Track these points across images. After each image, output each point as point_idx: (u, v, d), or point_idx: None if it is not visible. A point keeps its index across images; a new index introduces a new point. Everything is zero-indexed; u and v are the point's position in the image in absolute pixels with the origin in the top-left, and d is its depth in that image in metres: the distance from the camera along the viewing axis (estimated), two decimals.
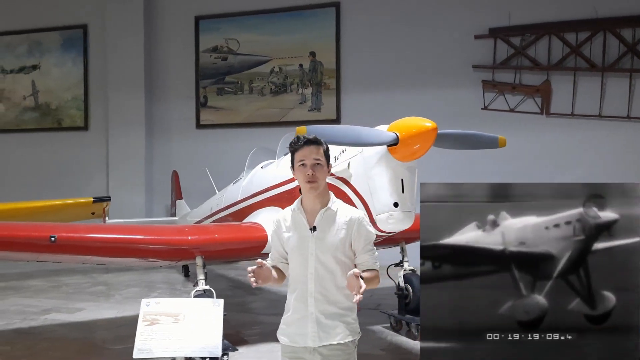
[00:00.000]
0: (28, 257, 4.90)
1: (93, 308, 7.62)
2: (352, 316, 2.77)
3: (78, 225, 5.21)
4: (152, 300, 3.70)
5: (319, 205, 2.77)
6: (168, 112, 12.66)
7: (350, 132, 4.32)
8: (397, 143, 4.29)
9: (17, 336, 6.20)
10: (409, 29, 11.07)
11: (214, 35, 12.33)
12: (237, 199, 6.92)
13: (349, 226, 2.72)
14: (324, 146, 2.80)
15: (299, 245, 2.77)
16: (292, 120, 11.77)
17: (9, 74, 13.90)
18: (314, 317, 2.68)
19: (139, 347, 3.46)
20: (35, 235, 4.57)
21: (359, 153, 4.65)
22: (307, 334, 2.69)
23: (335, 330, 2.69)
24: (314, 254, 2.71)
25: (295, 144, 2.78)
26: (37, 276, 10.31)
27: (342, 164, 4.79)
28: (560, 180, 9.90)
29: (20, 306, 7.74)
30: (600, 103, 10.00)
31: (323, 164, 2.76)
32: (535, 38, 10.33)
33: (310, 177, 2.72)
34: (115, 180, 12.50)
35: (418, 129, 4.22)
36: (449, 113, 9.51)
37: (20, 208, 8.76)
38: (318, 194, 2.76)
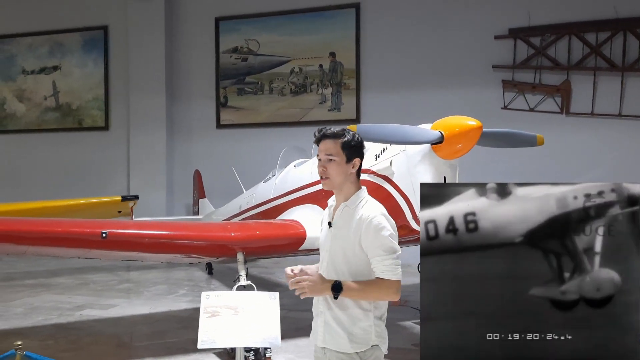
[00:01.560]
0: (77, 253, 5.04)
1: (125, 305, 7.76)
2: (362, 325, 2.52)
3: (127, 222, 5.34)
4: (211, 294, 3.82)
5: (341, 201, 2.64)
6: (189, 112, 12.81)
7: (397, 130, 4.43)
8: (441, 141, 4.41)
9: (58, 331, 6.35)
10: (428, 30, 11.17)
11: (234, 36, 12.47)
12: (270, 197, 7.04)
13: (358, 225, 2.51)
14: (345, 138, 2.57)
15: (322, 239, 2.73)
16: (312, 120, 11.91)
17: (29, 74, 14.08)
18: (324, 318, 2.59)
19: (202, 338, 3.59)
20: (87, 231, 4.70)
21: (402, 151, 4.76)
22: (318, 332, 2.62)
23: (339, 336, 2.53)
24: (329, 251, 2.62)
25: (315, 137, 2.65)
26: (63, 274, 10.46)
27: (384, 162, 4.90)
28: (581, 180, 10.01)
29: (54, 302, 7.89)
30: (620, 102, 10.07)
31: (337, 160, 2.55)
32: (555, 38, 10.41)
33: (322, 174, 2.60)
34: (137, 179, 12.66)
35: (464, 127, 4.34)
36: (468, 113, 9.38)
37: (50, 207, 8.90)
38: (339, 191, 2.62)
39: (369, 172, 5.11)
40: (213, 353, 5.44)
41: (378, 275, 2.47)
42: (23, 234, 4.51)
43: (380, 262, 2.46)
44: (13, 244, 4.57)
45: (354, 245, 2.52)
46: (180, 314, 7.18)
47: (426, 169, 4.56)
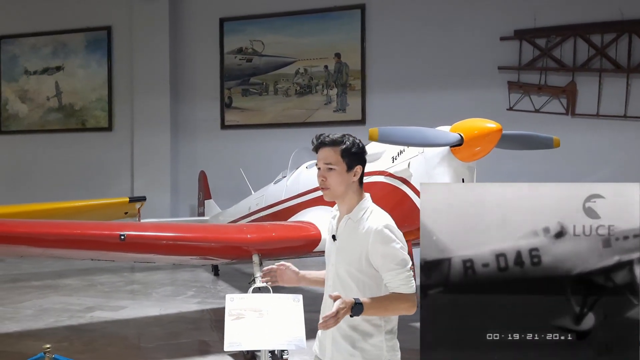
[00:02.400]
0: (93, 255, 5.04)
1: (135, 306, 7.74)
2: (372, 342, 2.42)
3: (145, 224, 5.35)
4: (235, 296, 3.82)
5: (344, 212, 2.50)
6: (193, 113, 12.81)
7: (417, 133, 4.44)
8: (461, 144, 4.42)
9: (72, 333, 6.34)
10: (434, 31, 11.21)
11: (238, 37, 12.48)
12: (281, 198, 7.05)
13: (364, 238, 2.37)
14: (344, 145, 2.42)
15: (326, 252, 2.62)
16: (317, 121, 11.94)
17: (32, 75, 14.06)
18: (330, 333, 2.47)
19: (229, 340, 3.57)
20: (105, 233, 4.70)
21: (420, 153, 4.77)
22: (326, 347, 2.54)
23: (348, 353, 2.43)
24: (334, 266, 2.50)
25: (313, 145, 2.50)
26: (69, 275, 10.43)
27: (402, 164, 4.92)
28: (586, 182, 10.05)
29: (63, 304, 7.87)
30: (626, 104, 10.14)
31: (337, 168, 2.41)
32: (560, 40, 10.47)
33: (322, 184, 2.46)
34: (141, 180, 12.65)
35: (484, 130, 4.35)
36: (474, 114, 9.43)
37: (57, 208, 8.91)
38: (341, 201, 2.49)
39: (386, 174, 5.13)
40: (228, 355, 5.45)
41: (394, 289, 2.36)
42: (42, 236, 4.51)
43: (395, 277, 2.34)
44: (31, 246, 4.57)
45: (360, 259, 2.39)
46: (191, 316, 7.18)
47: (445, 171, 4.57)
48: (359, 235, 2.40)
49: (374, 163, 5.33)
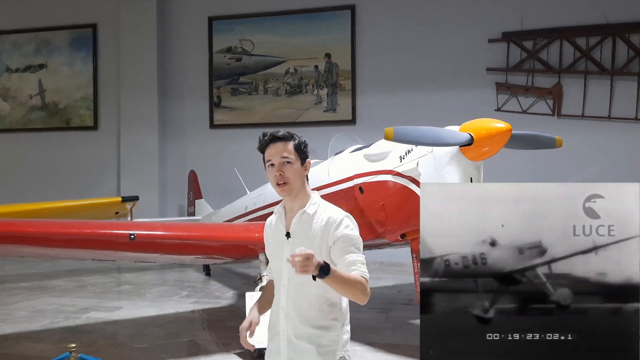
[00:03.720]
0: (100, 255, 4.99)
1: (130, 307, 7.67)
2: (329, 337, 2.42)
3: (154, 224, 5.30)
4: (255, 294, 3.85)
5: (296, 208, 2.46)
6: (181, 112, 12.72)
7: (430, 132, 4.51)
8: (471, 143, 4.51)
9: (70, 334, 6.24)
10: (423, 33, 11.34)
11: (228, 36, 12.43)
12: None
13: (325, 230, 2.39)
14: (296, 140, 2.46)
15: (275, 252, 2.53)
16: (307, 121, 11.97)
17: (14, 72, 13.76)
18: (286, 335, 2.44)
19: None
20: (115, 233, 4.67)
21: (429, 152, 4.85)
22: (280, 352, 2.47)
23: (306, 352, 2.40)
24: (288, 264, 2.36)
25: (261, 142, 2.47)
26: (57, 276, 10.28)
27: (411, 163, 4.98)
28: (571, 181, 10.33)
29: (56, 305, 7.75)
30: (610, 105, 10.41)
31: (294, 162, 2.41)
32: (547, 42, 10.70)
33: (279, 179, 2.40)
34: (128, 180, 12.50)
35: (494, 130, 4.45)
36: (463, 114, 9.64)
37: (48, 208, 8.77)
38: (294, 197, 2.45)
39: (393, 173, 5.19)
40: (234, 353, 5.46)
41: (353, 271, 2.34)
42: (52, 236, 4.45)
43: (355, 259, 2.35)
44: (40, 247, 4.51)
45: (321, 251, 2.37)
46: (189, 316, 7.15)
47: (454, 170, 4.66)
48: (317, 227, 2.40)
49: (380, 162, 5.40)
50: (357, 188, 5.63)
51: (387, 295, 8.68)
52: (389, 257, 10.92)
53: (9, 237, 4.28)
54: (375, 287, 9.33)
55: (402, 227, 5.23)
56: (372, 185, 5.39)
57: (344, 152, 6.23)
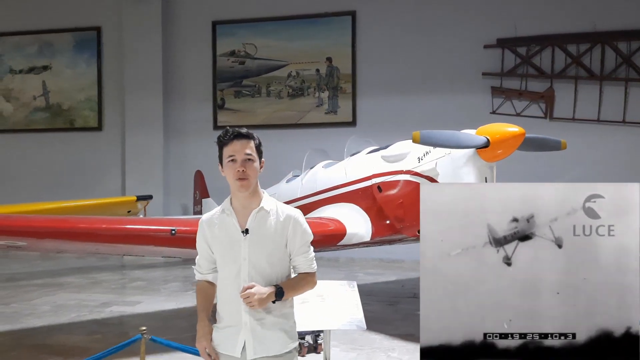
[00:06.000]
0: (139, 251, 5.31)
1: (149, 301, 7.97)
2: (290, 323, 2.61)
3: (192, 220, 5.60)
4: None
5: (251, 206, 2.53)
6: (185, 114, 13.01)
7: (452, 136, 4.94)
8: (487, 146, 4.95)
9: (100, 327, 6.55)
10: (422, 39, 11.80)
11: (231, 40, 12.76)
12: (296, 196, 7.44)
13: (283, 226, 2.53)
14: (256, 140, 2.57)
15: (229, 250, 2.54)
16: (309, 123, 12.37)
17: (17, 74, 13.92)
18: (249, 327, 2.50)
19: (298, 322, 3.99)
20: (157, 229, 5.00)
21: (447, 154, 5.28)
22: (242, 345, 2.51)
23: (273, 339, 2.52)
24: (247, 259, 2.50)
25: (223, 137, 2.53)
26: (66, 274, 10.50)
27: (430, 164, 5.41)
28: (563, 180, 10.89)
29: (77, 300, 8.02)
30: (599, 108, 10.97)
31: (254, 160, 2.52)
32: (539, 48, 11.23)
33: (241, 174, 2.47)
34: (132, 180, 12.76)
35: (509, 134, 4.89)
36: (459, 117, 10.29)
37: (63, 207, 9.03)
38: (249, 194, 2.52)
39: (412, 173, 5.61)
40: None
41: (304, 270, 2.61)
42: (101, 231, 4.77)
43: (306, 258, 2.59)
44: (89, 242, 4.81)
45: (279, 247, 2.53)
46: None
47: (470, 170, 5.09)
48: (274, 224, 2.52)
49: (399, 163, 5.82)
50: (376, 187, 6.04)
51: (391, 289, 9.09)
52: (387, 254, 11.37)
53: (63, 233, 4.59)
54: (379, 283, 9.79)
55: (420, 223, 5.63)
56: (391, 184, 5.81)
57: (360, 153, 6.63)
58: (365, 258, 11.31)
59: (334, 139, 9.71)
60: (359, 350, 5.47)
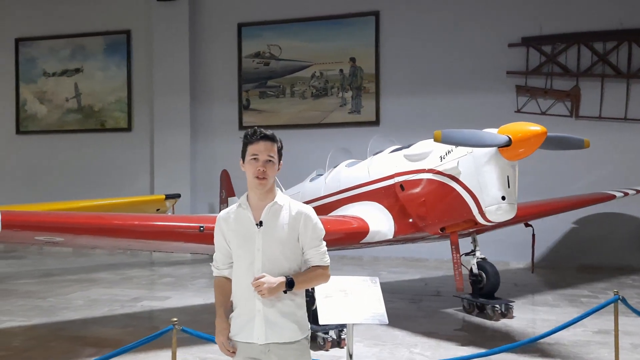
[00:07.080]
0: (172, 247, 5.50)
1: (178, 296, 8.22)
2: (301, 313, 2.73)
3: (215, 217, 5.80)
4: None
5: (266, 201, 2.69)
6: (212, 114, 13.29)
7: (474, 135, 5.02)
8: (509, 144, 5.02)
9: (132, 320, 6.82)
10: (445, 38, 11.84)
11: (256, 42, 12.98)
12: (320, 194, 7.59)
13: (295, 220, 2.68)
14: (279, 144, 2.72)
15: (244, 242, 2.68)
16: (332, 122, 12.51)
17: (51, 76, 14.39)
18: (262, 315, 2.63)
19: (321, 315, 4.13)
20: (187, 225, 5.20)
21: (469, 153, 5.35)
22: (257, 333, 2.64)
23: (285, 328, 2.65)
24: (261, 250, 2.65)
25: (250, 136, 2.68)
26: (99, 270, 10.84)
27: (452, 163, 5.49)
28: (589, 179, 10.81)
29: (109, 295, 8.32)
30: (626, 107, 10.86)
31: (275, 162, 2.67)
32: (565, 47, 11.16)
33: (261, 174, 2.62)
34: (160, 179, 13.09)
35: (529, 133, 4.94)
36: (484, 116, 10.32)
37: (97, 205, 9.36)
38: (267, 192, 2.68)
39: (434, 172, 5.70)
40: None
41: (316, 263, 2.73)
42: (134, 228, 4.98)
43: (317, 253, 2.71)
44: (122, 238, 5.03)
45: (291, 240, 2.67)
46: None
47: (492, 169, 5.16)
48: (287, 218, 2.68)
49: (421, 162, 5.92)
50: (398, 185, 6.15)
51: (415, 287, 9.16)
52: (411, 252, 11.45)
53: (100, 229, 4.82)
54: (402, 281, 9.88)
55: (442, 221, 5.73)
56: (414, 182, 5.91)
57: (383, 152, 6.74)
58: (389, 256, 11.40)
59: (357, 138, 9.82)
60: (381, 345, 5.59)
